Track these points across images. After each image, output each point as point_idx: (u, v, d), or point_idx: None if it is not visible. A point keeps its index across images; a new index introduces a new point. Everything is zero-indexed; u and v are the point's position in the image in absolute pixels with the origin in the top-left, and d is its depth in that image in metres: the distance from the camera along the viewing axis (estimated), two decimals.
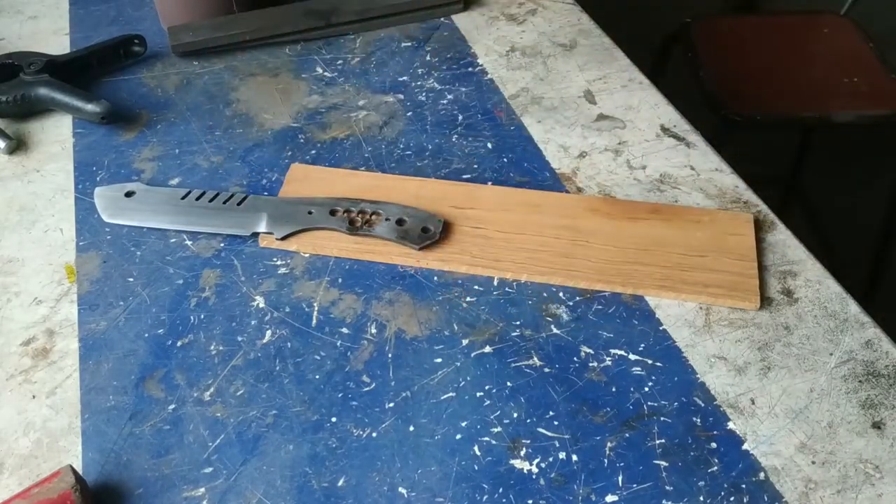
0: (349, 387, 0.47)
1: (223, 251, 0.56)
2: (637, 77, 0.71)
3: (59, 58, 0.71)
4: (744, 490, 0.42)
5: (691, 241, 0.54)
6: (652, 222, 0.55)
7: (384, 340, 0.50)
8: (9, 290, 0.54)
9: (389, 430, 0.45)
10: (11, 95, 0.67)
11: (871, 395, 0.46)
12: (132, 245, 0.57)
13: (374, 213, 0.56)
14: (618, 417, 0.45)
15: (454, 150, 0.64)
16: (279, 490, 0.43)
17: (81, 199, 0.61)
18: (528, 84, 0.71)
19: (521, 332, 0.50)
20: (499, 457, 0.44)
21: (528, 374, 0.48)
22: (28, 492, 0.40)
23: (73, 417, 0.47)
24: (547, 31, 0.78)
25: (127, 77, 0.74)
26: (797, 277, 0.53)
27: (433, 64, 0.74)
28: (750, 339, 0.49)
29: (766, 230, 0.56)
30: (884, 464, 0.43)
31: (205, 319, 0.51)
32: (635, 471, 0.43)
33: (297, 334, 0.50)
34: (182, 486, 0.43)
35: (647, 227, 0.55)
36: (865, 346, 0.48)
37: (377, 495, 0.42)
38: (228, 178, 0.62)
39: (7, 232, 0.59)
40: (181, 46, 0.75)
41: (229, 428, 0.46)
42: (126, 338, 0.51)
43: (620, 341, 0.49)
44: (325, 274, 0.54)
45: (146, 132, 0.67)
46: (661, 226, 0.55)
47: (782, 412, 0.45)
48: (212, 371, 0.48)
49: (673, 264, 0.53)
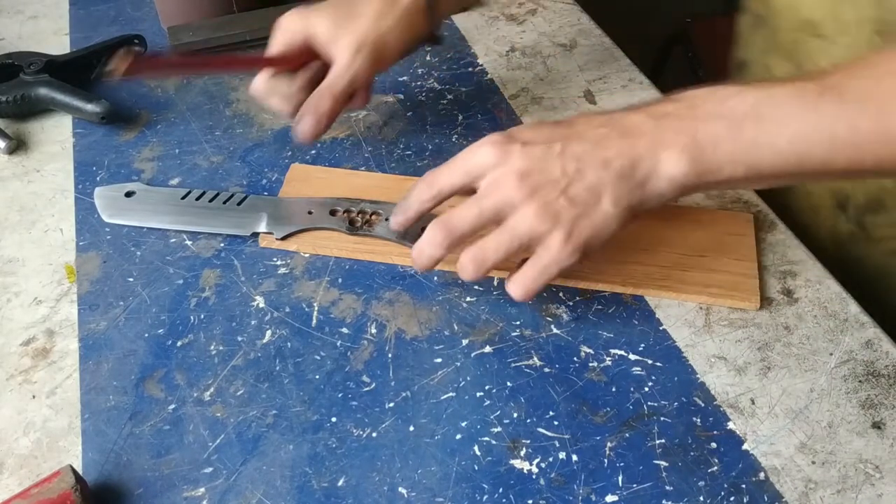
0: (349, 387, 0.47)
1: (223, 251, 0.56)
2: (637, 77, 0.71)
3: (59, 58, 0.71)
4: (744, 490, 0.42)
5: (691, 240, 0.54)
6: (651, 222, 0.55)
7: (384, 340, 0.50)
8: (9, 290, 0.54)
9: (389, 430, 0.45)
10: (11, 95, 0.67)
11: (871, 395, 0.46)
12: (132, 245, 0.57)
13: (374, 213, 0.56)
14: (618, 417, 0.45)
15: (454, 150, 0.64)
16: (279, 490, 0.43)
17: (81, 199, 0.61)
18: (528, 84, 0.71)
19: (521, 332, 0.50)
20: (499, 457, 0.44)
21: (528, 374, 0.48)
22: (28, 492, 0.40)
23: (73, 417, 0.47)
24: (547, 31, 0.78)
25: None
26: (797, 277, 0.53)
27: (433, 64, 0.74)
28: (750, 339, 0.49)
29: (766, 230, 0.56)
30: (884, 464, 0.43)
31: (205, 319, 0.51)
32: (635, 471, 0.43)
33: (297, 334, 0.50)
34: (182, 486, 0.43)
35: (647, 226, 0.55)
36: (865, 346, 0.48)
37: (377, 495, 0.42)
38: (228, 178, 0.62)
39: (7, 232, 0.59)
40: (181, 46, 0.75)
41: (229, 428, 0.46)
42: (126, 338, 0.51)
43: (620, 341, 0.49)
44: (325, 274, 0.54)
45: (146, 132, 0.67)
46: (660, 225, 0.55)
47: (782, 412, 0.45)
48: (212, 371, 0.48)
49: (673, 264, 0.53)
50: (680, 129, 0.43)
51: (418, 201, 0.48)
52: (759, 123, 0.42)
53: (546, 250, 0.44)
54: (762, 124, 0.42)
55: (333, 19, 0.55)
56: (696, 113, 0.43)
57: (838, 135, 0.41)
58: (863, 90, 0.41)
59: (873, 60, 0.42)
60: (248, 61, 0.55)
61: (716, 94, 0.44)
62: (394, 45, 0.56)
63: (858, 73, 0.42)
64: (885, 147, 0.41)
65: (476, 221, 0.45)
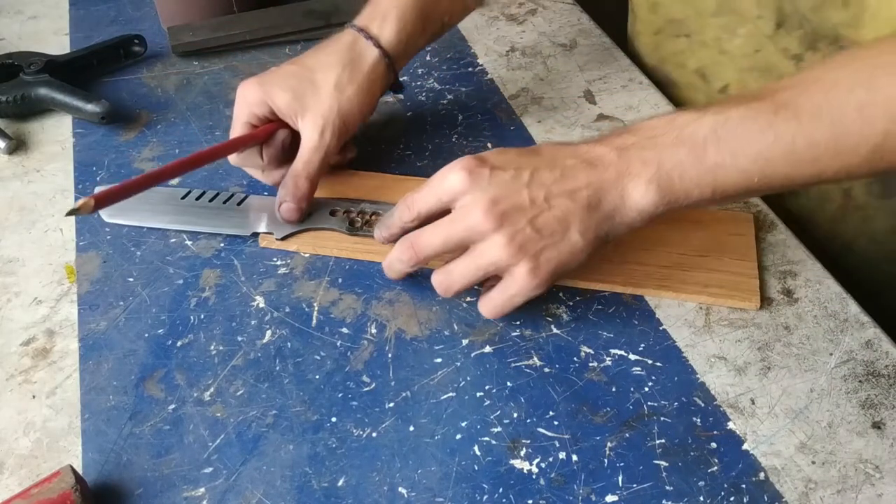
0: (349, 387, 0.47)
1: (223, 251, 0.56)
2: (637, 77, 0.71)
3: (59, 58, 0.71)
4: (744, 490, 0.42)
5: (691, 240, 0.54)
6: (651, 221, 0.55)
7: (384, 340, 0.50)
8: (9, 290, 0.54)
9: (389, 430, 0.45)
10: (11, 95, 0.67)
11: (871, 395, 0.46)
12: (132, 245, 0.57)
13: (373, 213, 0.56)
14: (618, 417, 0.45)
15: (454, 150, 0.64)
16: (279, 490, 0.43)
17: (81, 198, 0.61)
18: (528, 84, 0.71)
19: (521, 332, 0.50)
20: (499, 457, 0.44)
21: (528, 374, 0.48)
22: (28, 492, 0.40)
23: (73, 417, 0.47)
24: (547, 31, 0.78)
25: (127, 77, 0.74)
26: (797, 277, 0.53)
27: (433, 64, 0.74)
28: (750, 339, 0.49)
29: (766, 230, 0.56)
30: (884, 464, 0.43)
31: (205, 319, 0.51)
32: (635, 471, 0.43)
33: (297, 334, 0.50)
34: (182, 486, 0.43)
35: (647, 226, 0.55)
36: (865, 346, 0.48)
37: (377, 495, 0.42)
38: (228, 178, 0.62)
39: (7, 232, 0.59)
40: (181, 46, 0.75)
41: (229, 428, 0.46)
42: (126, 338, 0.51)
43: (620, 341, 0.49)
44: (325, 274, 0.54)
45: (146, 132, 0.67)
46: (660, 225, 0.55)
47: (782, 412, 0.45)
48: (212, 371, 0.48)
49: (673, 264, 0.53)
50: (645, 159, 0.44)
51: (400, 221, 0.49)
52: (720, 147, 0.43)
53: (513, 281, 0.45)
54: (723, 147, 0.43)
55: (294, 92, 0.55)
56: (658, 142, 0.44)
57: (797, 150, 0.42)
58: (815, 105, 0.42)
59: (818, 75, 0.43)
60: (217, 151, 0.54)
61: (674, 122, 0.45)
62: (358, 112, 0.56)
63: (808, 88, 0.43)
64: (842, 157, 0.42)
65: (442, 247, 0.46)
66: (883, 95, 0.41)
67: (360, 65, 0.56)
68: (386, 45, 0.57)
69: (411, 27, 0.57)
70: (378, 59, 0.56)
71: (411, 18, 0.57)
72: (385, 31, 0.57)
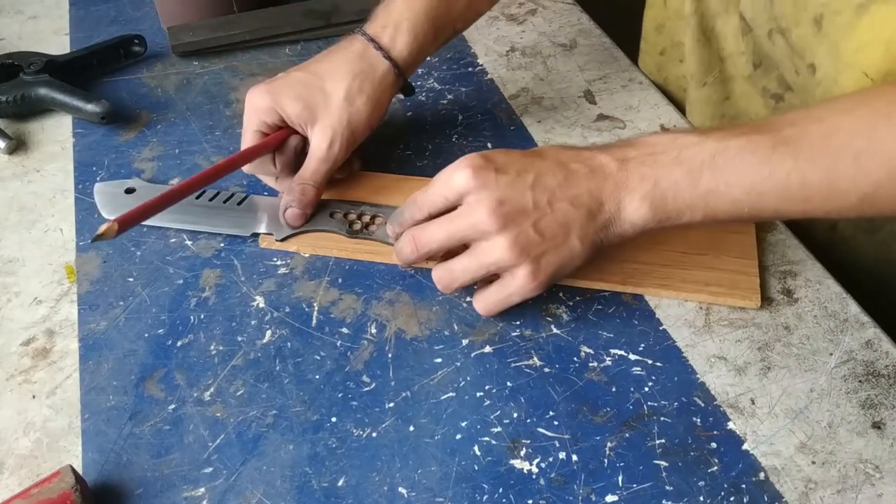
0: (349, 387, 0.47)
1: (223, 251, 0.56)
2: (637, 77, 0.71)
3: (59, 58, 0.71)
4: (744, 490, 0.42)
5: (691, 239, 0.54)
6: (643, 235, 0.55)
7: (384, 340, 0.50)
8: (9, 290, 0.54)
9: (389, 430, 0.45)
10: (11, 95, 0.67)
11: (871, 395, 0.46)
12: (132, 245, 0.57)
13: (374, 216, 0.56)
14: (618, 417, 0.45)
15: (454, 150, 0.64)
16: (279, 490, 0.43)
17: (81, 198, 0.61)
18: (528, 84, 0.71)
19: (521, 332, 0.50)
20: (499, 457, 0.44)
21: (528, 374, 0.48)
22: (28, 492, 0.40)
23: (73, 417, 0.47)
24: (547, 31, 0.78)
25: (127, 77, 0.74)
26: (797, 277, 0.53)
27: (433, 64, 0.74)
28: (750, 339, 0.49)
29: (767, 229, 0.56)
30: (884, 464, 0.43)
31: (205, 319, 0.51)
32: (635, 471, 0.43)
33: (297, 334, 0.50)
34: (182, 486, 0.43)
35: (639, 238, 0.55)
36: (865, 346, 0.48)
37: (377, 495, 0.42)
38: (228, 178, 0.62)
39: (7, 232, 0.59)
40: (181, 46, 0.75)
41: (229, 428, 0.46)
42: (126, 338, 0.51)
43: (620, 341, 0.49)
44: (325, 274, 0.54)
45: (146, 132, 0.67)
46: None
47: (782, 412, 0.45)
48: (212, 371, 0.48)
49: (673, 262, 0.53)
50: (643, 175, 0.45)
51: (411, 220, 0.49)
52: (716, 174, 0.44)
53: (512, 280, 0.46)
54: (718, 175, 0.44)
55: (304, 101, 0.55)
56: (658, 160, 0.45)
57: (790, 188, 0.43)
58: (813, 146, 0.43)
59: (822, 115, 0.44)
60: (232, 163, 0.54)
61: (676, 141, 0.45)
62: (367, 123, 0.56)
63: (809, 128, 0.43)
64: (833, 201, 0.43)
65: (445, 243, 0.47)
66: (881, 148, 0.41)
67: (371, 76, 0.56)
68: (397, 56, 0.56)
69: (423, 38, 0.57)
70: (388, 71, 0.56)
71: (423, 28, 0.57)
72: (397, 42, 0.56)
